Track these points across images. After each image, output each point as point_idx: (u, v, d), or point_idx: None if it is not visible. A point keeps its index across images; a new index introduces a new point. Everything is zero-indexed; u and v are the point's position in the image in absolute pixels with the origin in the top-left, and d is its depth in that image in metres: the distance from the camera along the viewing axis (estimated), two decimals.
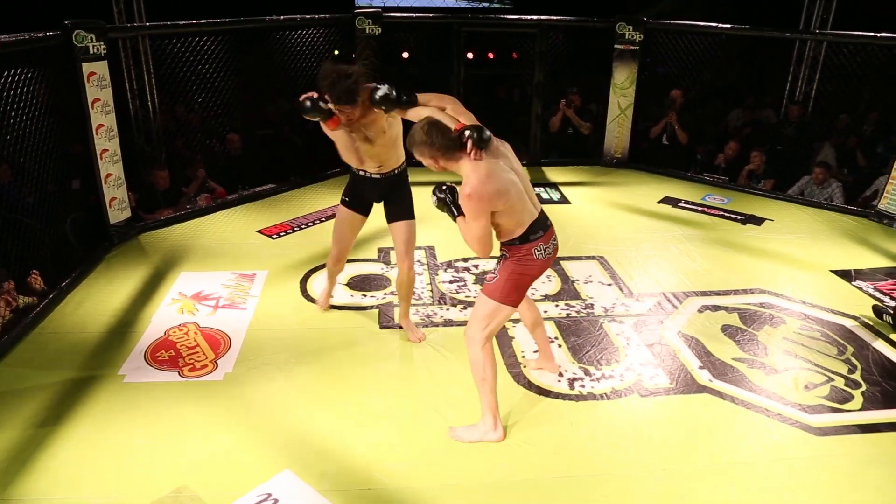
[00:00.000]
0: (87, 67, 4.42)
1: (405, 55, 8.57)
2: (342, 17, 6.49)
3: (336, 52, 6.71)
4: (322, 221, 5.33)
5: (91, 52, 4.43)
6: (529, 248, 2.76)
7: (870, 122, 7.21)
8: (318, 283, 4.25)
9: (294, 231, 5.14)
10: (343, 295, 4.12)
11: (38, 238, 4.24)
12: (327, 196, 5.91)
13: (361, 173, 3.42)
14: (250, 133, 6.83)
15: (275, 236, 5.02)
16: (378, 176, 3.39)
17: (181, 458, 2.73)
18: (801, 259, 4.92)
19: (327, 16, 6.42)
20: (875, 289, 4.45)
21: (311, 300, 4.05)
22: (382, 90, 2.93)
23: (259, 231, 5.11)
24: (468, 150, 2.65)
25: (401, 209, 3.48)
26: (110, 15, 6.06)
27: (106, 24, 4.59)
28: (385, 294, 4.13)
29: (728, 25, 6.67)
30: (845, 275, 4.65)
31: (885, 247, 5.21)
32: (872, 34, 5.89)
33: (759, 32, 6.75)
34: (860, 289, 4.45)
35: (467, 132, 2.65)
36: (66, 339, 3.60)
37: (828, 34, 6.93)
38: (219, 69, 5.94)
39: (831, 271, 4.69)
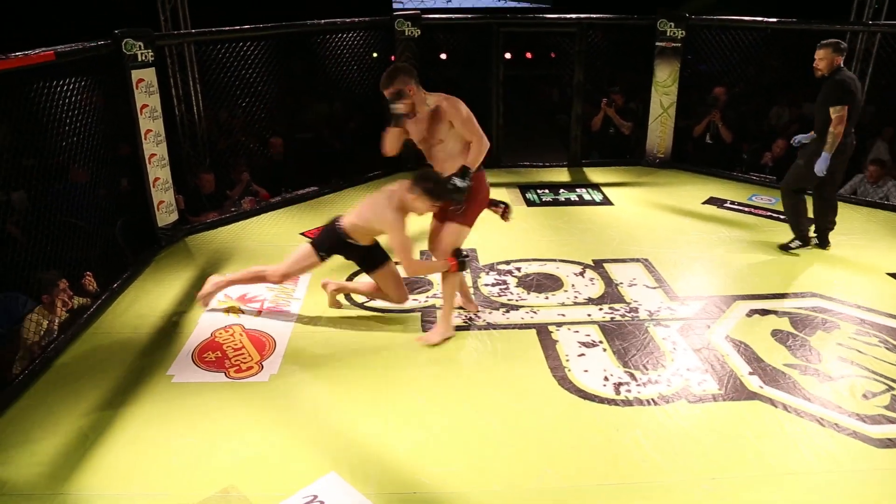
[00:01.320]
0: (136, 74, 4.54)
1: (443, 56, 8.60)
2: (381, 19, 6.53)
3: (375, 55, 6.76)
4: None
5: (139, 59, 4.54)
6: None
7: None
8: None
9: None
10: None
11: (91, 240, 4.36)
12: None
13: None
14: (292, 136, 6.93)
15: None
16: None
17: (228, 458, 2.77)
18: (855, 261, 4.76)
19: (367, 19, 6.47)
20: None
21: (355, 303, 4.08)
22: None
23: (302, 233, 5.16)
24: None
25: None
26: (157, 23, 6.22)
27: (153, 32, 4.71)
28: (427, 297, 4.13)
29: (774, 19, 6.49)
30: None
31: None
32: None
33: (807, 25, 6.54)
34: None
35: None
36: (117, 338, 3.70)
37: (882, 25, 6.69)
38: (261, 74, 6.04)
39: (888, 274, 4.53)
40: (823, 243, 4.95)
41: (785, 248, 4.87)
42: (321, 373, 3.36)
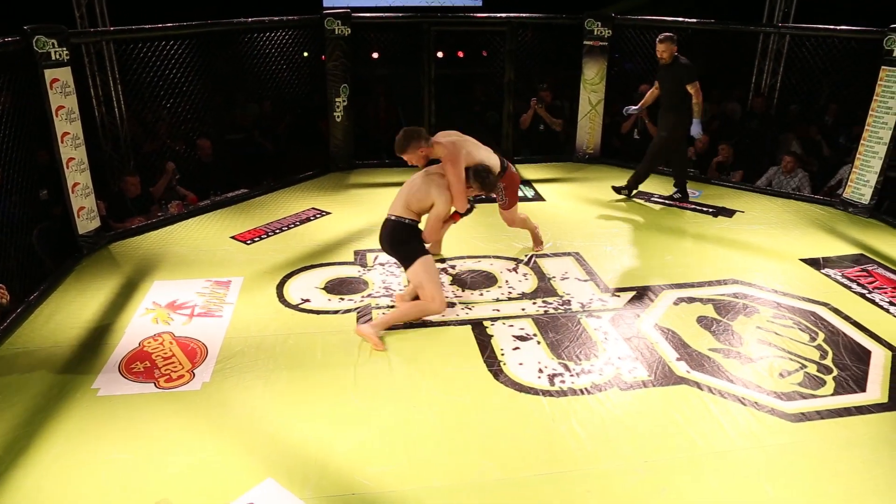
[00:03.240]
0: (49, 74, 4.33)
1: (375, 55, 8.55)
2: (311, 18, 6.44)
3: (305, 54, 6.67)
4: (296, 225, 5.29)
5: (53, 57, 4.33)
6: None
7: (830, 114, 7.37)
8: (294, 288, 4.21)
9: (269, 236, 5.09)
10: (320, 299, 4.09)
11: (4, 251, 4.14)
12: (300, 200, 5.87)
13: None
14: (221, 138, 6.77)
15: (249, 242, 4.97)
16: None
17: (161, 471, 2.69)
18: (771, 249, 5.01)
19: (296, 17, 6.37)
20: (843, 276, 4.55)
21: (290, 305, 4.02)
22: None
23: (233, 237, 5.05)
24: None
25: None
26: (72, 19, 5.96)
27: (68, 29, 4.50)
28: (363, 297, 4.11)
29: (694, 20, 6.76)
30: (814, 263, 4.74)
31: (850, 234, 5.33)
32: (832, 27, 6.01)
33: (724, 26, 6.85)
34: (829, 276, 4.55)
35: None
36: (35, 354, 3.52)
37: (790, 27, 7.07)
38: (187, 73, 5.86)
39: (801, 260, 4.79)
40: (685, 196, 5.99)
41: (618, 190, 6.05)
42: (256, 378, 3.30)
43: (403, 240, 3.89)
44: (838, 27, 5.96)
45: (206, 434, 2.90)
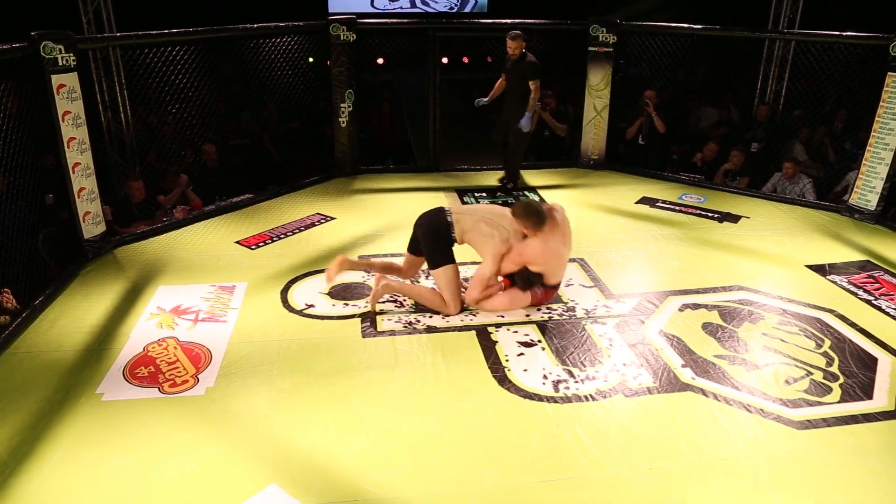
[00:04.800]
0: (56, 79, 4.35)
1: (380, 61, 8.57)
2: (316, 24, 6.46)
3: (311, 60, 6.69)
4: (301, 231, 5.30)
5: (60, 63, 4.35)
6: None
7: (839, 119, 7.35)
8: (299, 293, 4.21)
9: (273, 241, 5.09)
10: (324, 304, 4.09)
11: (10, 255, 4.15)
12: (305, 205, 5.88)
13: None
14: (226, 143, 6.79)
15: (254, 247, 4.98)
16: None
17: (164, 476, 2.69)
18: (777, 255, 4.99)
19: (301, 23, 6.39)
20: (849, 282, 4.53)
21: (294, 311, 4.02)
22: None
23: (237, 242, 5.05)
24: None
25: None
26: (79, 25, 5.99)
27: (75, 35, 4.52)
28: (367, 303, 4.11)
29: (699, 26, 6.76)
30: (820, 269, 4.72)
31: (856, 240, 5.31)
32: (837, 33, 6.00)
33: (729, 32, 6.85)
34: (834, 283, 4.53)
35: None
36: (40, 358, 3.52)
37: (795, 33, 7.07)
38: (193, 79, 5.88)
39: (806, 266, 4.76)
40: (517, 184, 6.41)
41: (504, 187, 6.36)
42: (259, 383, 3.30)
43: (442, 241, 3.91)
44: (844, 33, 5.95)
45: (210, 439, 2.90)
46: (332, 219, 5.55)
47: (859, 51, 6.08)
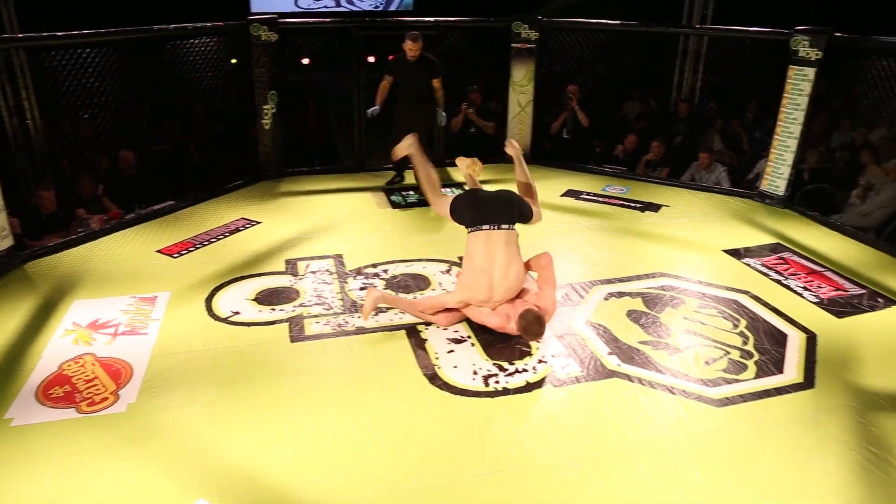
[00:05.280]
0: None
1: (305, 61, 8.44)
2: (236, 24, 6.30)
3: (234, 61, 6.53)
4: (225, 236, 5.17)
5: None
6: None
7: (750, 110, 7.70)
8: (224, 301, 4.11)
9: (197, 248, 4.95)
10: (250, 311, 4.00)
11: None
12: (229, 210, 5.73)
13: None
14: (146, 149, 6.55)
15: (176, 255, 4.82)
16: None
17: (85, 500, 2.58)
18: (695, 241, 5.18)
19: (220, 24, 6.22)
20: (761, 264, 4.75)
21: (219, 319, 3.91)
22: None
23: (159, 251, 4.88)
24: None
25: None
26: None
27: None
28: (294, 307, 4.04)
29: (617, 22, 6.94)
30: (735, 253, 4.94)
31: (768, 225, 5.58)
32: (745, 28, 6.29)
33: (646, 28, 7.06)
34: (749, 265, 4.75)
35: None
36: None
37: (707, 29, 7.36)
38: (107, 83, 5.63)
39: (723, 251, 4.97)
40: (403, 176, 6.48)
41: (391, 183, 6.44)
42: (185, 395, 3.20)
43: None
44: (751, 28, 6.24)
45: (133, 458, 2.79)
46: (258, 223, 5.44)
47: (764, 45, 6.38)
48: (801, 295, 4.32)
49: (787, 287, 4.43)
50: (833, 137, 7.03)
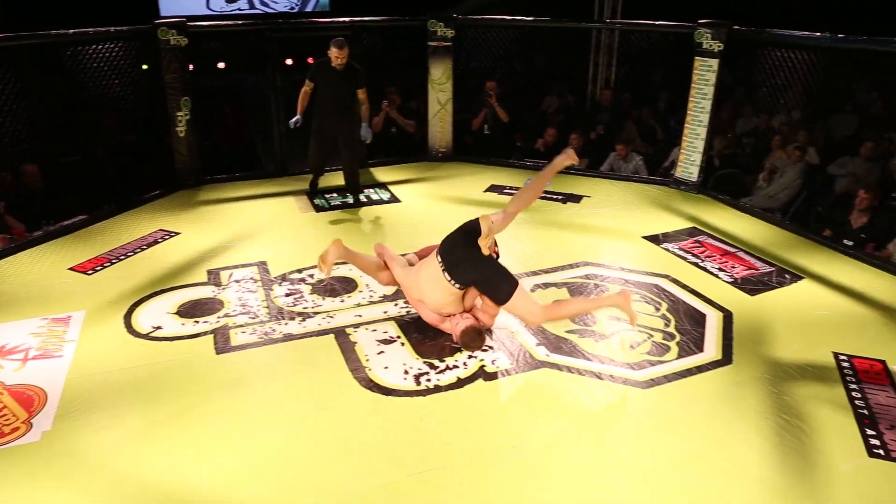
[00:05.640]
0: None
1: (221, 65, 8.20)
2: (141, 28, 6.05)
3: (145, 67, 6.28)
4: (143, 249, 4.97)
5: None
6: None
7: (662, 100, 7.99)
8: (144, 316, 3.96)
9: (113, 263, 4.74)
10: (173, 325, 3.87)
11: None
12: (146, 222, 5.52)
13: None
14: (53, 161, 6.20)
15: (90, 272, 4.60)
16: None
17: None
18: (616, 229, 5.34)
19: (125, 28, 5.96)
20: (679, 248, 4.95)
21: (139, 335, 3.76)
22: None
23: (71, 268, 4.64)
24: None
25: None
26: None
27: None
28: (219, 318, 3.93)
29: (531, 18, 7.07)
30: (654, 239, 5.12)
31: (684, 210, 5.81)
32: (652, 22, 6.53)
33: (558, 23, 7.21)
34: (668, 250, 4.93)
35: None
36: None
37: (616, 23, 7.59)
38: (3, 92, 5.30)
39: (643, 237, 5.15)
40: (358, 199, 6.04)
41: (313, 191, 6.18)
42: (106, 418, 3.06)
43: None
44: (657, 22, 6.47)
45: (51, 488, 2.65)
46: (177, 234, 5.26)
47: (671, 38, 6.63)
48: (716, 276, 4.52)
49: (704, 269, 4.62)
50: (738, 124, 7.38)
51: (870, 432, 2.98)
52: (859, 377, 3.40)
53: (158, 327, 3.84)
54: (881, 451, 2.87)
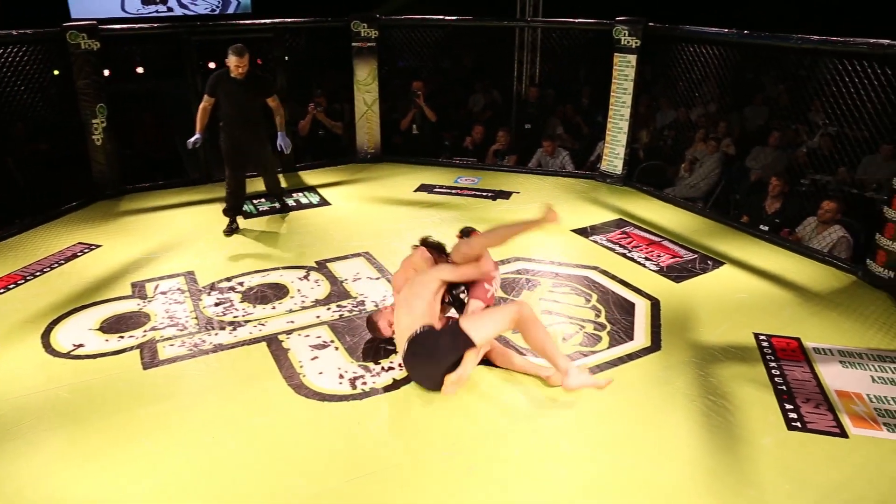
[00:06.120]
0: None
1: (140, 70, 7.92)
2: (48, 32, 5.75)
3: (56, 73, 5.98)
4: (61, 264, 4.73)
5: None
6: None
7: (585, 96, 8.19)
8: (64, 334, 3.78)
9: (27, 280, 4.49)
10: (96, 341, 3.70)
11: None
12: (63, 235, 5.26)
13: None
14: None
15: (2, 291, 4.35)
16: None
17: None
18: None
19: (29, 31, 5.66)
20: (607, 240, 5.08)
21: (59, 354, 3.58)
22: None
23: None
24: None
25: None
26: None
27: None
28: (145, 332, 3.79)
29: (453, 17, 7.11)
30: (583, 232, 5.24)
31: (610, 202, 5.97)
32: (572, 20, 6.68)
33: (480, 22, 7.28)
34: (596, 242, 5.06)
35: None
36: None
37: (537, 21, 7.72)
38: None
39: (571, 231, 5.25)
40: (285, 204, 5.77)
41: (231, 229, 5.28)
42: (23, 444, 2.89)
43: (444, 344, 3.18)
44: (577, 20, 6.62)
45: None
46: (97, 246, 5.04)
47: (590, 35, 6.80)
48: (643, 265, 4.66)
49: (632, 259, 4.76)
50: (658, 118, 7.64)
51: (788, 407, 3.14)
52: (778, 355, 3.57)
53: (80, 345, 3.67)
54: (798, 424, 3.02)
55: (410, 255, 3.70)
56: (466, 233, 3.74)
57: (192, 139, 5.14)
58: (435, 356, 3.13)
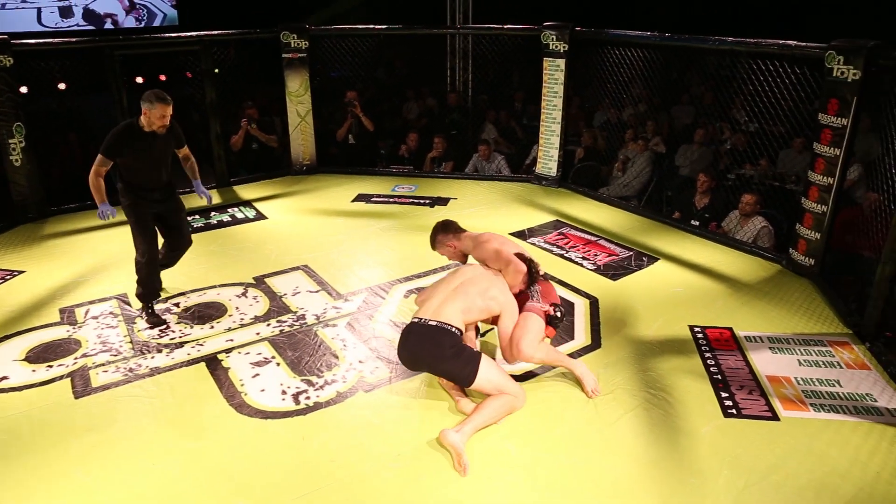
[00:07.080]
0: None
1: (62, 87, 7.60)
2: None
3: None
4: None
5: None
6: None
7: (517, 100, 8.32)
8: None
9: None
10: (21, 373, 3.53)
11: None
12: None
13: None
14: None
15: None
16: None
17: None
18: (484, 228, 5.37)
19: None
20: (545, 242, 5.16)
21: None
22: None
23: None
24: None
25: None
26: None
27: None
28: (76, 359, 3.64)
29: (383, 26, 7.11)
30: (521, 235, 5.31)
31: (547, 204, 6.07)
32: (501, 26, 6.78)
33: (410, 30, 7.31)
34: (534, 244, 5.13)
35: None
36: None
37: (467, 28, 7.81)
38: None
39: (510, 234, 5.31)
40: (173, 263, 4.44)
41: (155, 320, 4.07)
42: None
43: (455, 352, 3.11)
44: (506, 26, 6.72)
45: None
46: (20, 272, 4.81)
47: (519, 41, 6.91)
48: (581, 265, 4.75)
49: (570, 259, 4.85)
50: (597, 118, 7.81)
51: (724, 395, 3.25)
52: (712, 346, 3.70)
53: (4, 377, 3.49)
54: (734, 411, 3.14)
55: (520, 260, 3.52)
56: (537, 271, 3.56)
57: (105, 212, 4.05)
58: (436, 357, 3.11)
